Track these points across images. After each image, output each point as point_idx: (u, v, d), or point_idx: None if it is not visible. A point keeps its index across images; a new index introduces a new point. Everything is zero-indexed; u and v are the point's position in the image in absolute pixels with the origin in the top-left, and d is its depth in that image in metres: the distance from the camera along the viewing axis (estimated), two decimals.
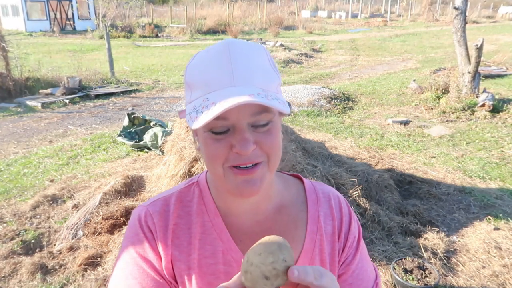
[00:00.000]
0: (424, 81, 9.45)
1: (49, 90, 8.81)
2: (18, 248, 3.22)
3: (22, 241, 3.29)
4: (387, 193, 3.86)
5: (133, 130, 5.87)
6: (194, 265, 0.75)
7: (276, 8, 32.79)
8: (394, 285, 2.73)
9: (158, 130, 5.27)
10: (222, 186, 0.72)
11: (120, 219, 3.45)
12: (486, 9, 35.55)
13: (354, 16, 35.73)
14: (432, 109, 7.41)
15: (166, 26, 24.88)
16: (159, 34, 22.40)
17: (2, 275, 2.91)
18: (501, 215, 3.65)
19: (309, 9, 35.72)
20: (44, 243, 3.30)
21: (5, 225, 3.58)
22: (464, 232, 3.43)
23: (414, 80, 9.35)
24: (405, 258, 2.88)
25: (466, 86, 7.35)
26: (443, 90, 7.92)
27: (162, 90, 9.76)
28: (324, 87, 8.99)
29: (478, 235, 3.32)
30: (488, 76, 10.05)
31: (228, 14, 27.12)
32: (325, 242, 0.80)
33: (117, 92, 9.25)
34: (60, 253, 3.16)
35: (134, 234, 0.77)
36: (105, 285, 2.77)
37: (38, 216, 3.74)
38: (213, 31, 23.58)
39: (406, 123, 6.66)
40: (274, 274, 0.56)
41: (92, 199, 3.75)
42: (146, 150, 5.39)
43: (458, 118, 6.83)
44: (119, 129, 6.18)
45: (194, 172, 3.25)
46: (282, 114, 0.72)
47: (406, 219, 3.53)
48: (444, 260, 3.01)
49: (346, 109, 7.72)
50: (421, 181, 4.37)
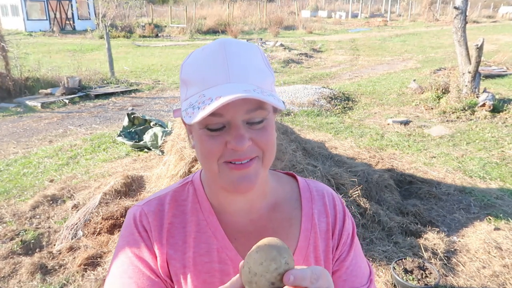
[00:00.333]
0: (424, 81, 9.44)
1: (48, 90, 8.80)
2: (17, 248, 3.21)
3: (21, 241, 3.28)
4: (387, 193, 3.86)
5: (133, 130, 5.87)
6: (189, 263, 0.76)
7: (276, 8, 32.79)
8: (394, 285, 2.73)
9: (158, 130, 5.27)
10: (216, 183, 0.72)
11: (120, 219, 3.45)
12: (486, 9, 35.55)
13: (354, 16, 35.73)
14: (432, 109, 7.41)
15: (166, 26, 24.87)
16: (159, 34, 22.40)
17: (2, 275, 2.91)
18: (501, 215, 3.64)
19: (309, 9, 35.72)
20: (44, 243, 3.30)
21: (4, 225, 3.58)
22: (464, 232, 3.43)
23: (414, 80, 9.35)
24: (405, 258, 2.88)
25: (466, 86, 7.34)
26: (443, 90, 7.91)
27: (162, 90, 9.76)
28: (324, 87, 8.98)
29: (478, 235, 3.31)
30: (488, 76, 10.05)
31: (228, 14, 27.11)
32: (319, 240, 0.81)
33: (117, 92, 9.24)
34: (60, 253, 3.16)
35: (129, 233, 0.77)
36: None
37: (37, 216, 3.73)
38: (213, 31, 23.57)
39: (406, 123, 6.65)
40: (279, 279, 0.57)
41: (92, 199, 3.75)
42: (146, 150, 5.39)
43: (458, 118, 6.83)
44: (119, 129, 6.18)
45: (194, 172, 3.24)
46: (276, 111, 0.74)
47: (406, 219, 3.53)
48: (444, 260, 3.00)
49: (346, 109, 7.71)
50: (421, 181, 4.36)
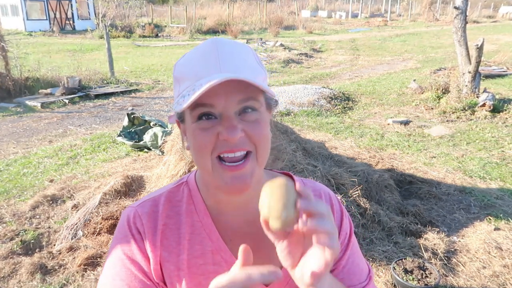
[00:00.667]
0: (424, 81, 9.44)
1: (48, 90, 8.80)
2: (17, 248, 3.21)
3: (21, 241, 3.28)
4: (387, 193, 3.85)
5: (133, 130, 5.86)
6: (183, 265, 0.75)
7: (276, 8, 32.80)
8: (394, 285, 2.73)
9: (158, 130, 5.26)
10: (211, 182, 0.72)
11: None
12: (486, 9, 35.56)
13: (354, 16, 35.73)
14: (432, 109, 7.40)
15: (166, 26, 24.86)
16: (159, 34, 22.39)
17: (2, 275, 2.90)
18: (501, 215, 3.64)
19: (309, 9, 35.72)
20: (43, 243, 3.30)
21: (4, 225, 3.57)
22: (464, 232, 3.42)
23: (414, 80, 9.34)
24: (405, 258, 2.87)
25: (466, 86, 7.34)
26: (444, 90, 7.91)
27: (162, 90, 9.75)
28: (324, 87, 8.98)
29: (478, 235, 3.31)
30: (488, 76, 10.04)
31: (228, 14, 27.11)
32: None
33: (117, 92, 9.24)
34: (59, 253, 3.15)
35: (123, 235, 0.76)
36: None
37: (37, 216, 3.73)
38: (213, 31, 23.56)
39: (406, 123, 6.65)
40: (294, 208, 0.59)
41: (92, 199, 3.75)
42: (146, 150, 5.39)
43: (458, 118, 6.82)
44: (119, 129, 6.17)
45: None
46: (271, 109, 0.73)
47: (406, 219, 3.52)
48: (444, 260, 3.00)
49: (346, 109, 7.71)
50: (421, 181, 4.36)
